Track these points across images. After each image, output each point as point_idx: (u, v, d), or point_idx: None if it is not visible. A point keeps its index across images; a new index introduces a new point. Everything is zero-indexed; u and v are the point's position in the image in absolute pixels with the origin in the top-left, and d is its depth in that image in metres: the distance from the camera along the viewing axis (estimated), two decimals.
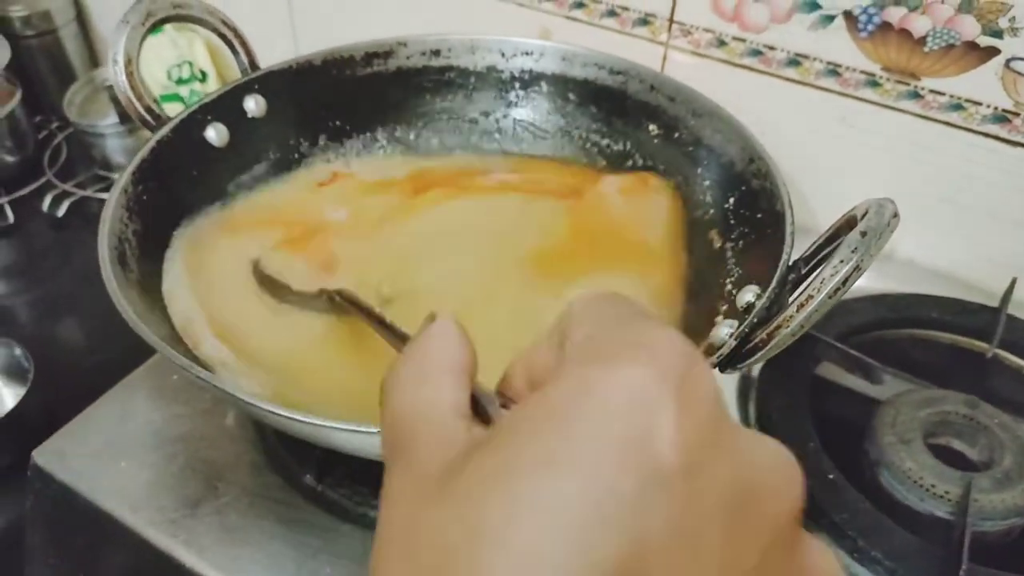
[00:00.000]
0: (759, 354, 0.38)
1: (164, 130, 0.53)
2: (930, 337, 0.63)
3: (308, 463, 0.52)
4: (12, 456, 0.68)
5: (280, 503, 0.51)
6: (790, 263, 0.44)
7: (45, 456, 0.53)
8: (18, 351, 0.73)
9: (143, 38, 0.54)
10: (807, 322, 0.36)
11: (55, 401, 0.71)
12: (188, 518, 0.50)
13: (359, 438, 0.37)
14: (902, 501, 0.52)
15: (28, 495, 0.54)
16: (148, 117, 0.54)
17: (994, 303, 0.63)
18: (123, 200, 0.48)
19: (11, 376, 0.75)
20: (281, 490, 0.52)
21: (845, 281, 0.35)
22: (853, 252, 0.35)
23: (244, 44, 0.59)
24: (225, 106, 0.58)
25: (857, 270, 0.35)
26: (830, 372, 0.61)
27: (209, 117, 0.57)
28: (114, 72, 0.52)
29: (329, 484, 0.51)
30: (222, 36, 0.58)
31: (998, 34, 0.57)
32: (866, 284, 0.66)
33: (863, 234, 0.36)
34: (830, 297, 0.35)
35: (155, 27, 0.54)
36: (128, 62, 0.53)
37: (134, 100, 0.53)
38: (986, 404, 0.56)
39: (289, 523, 0.50)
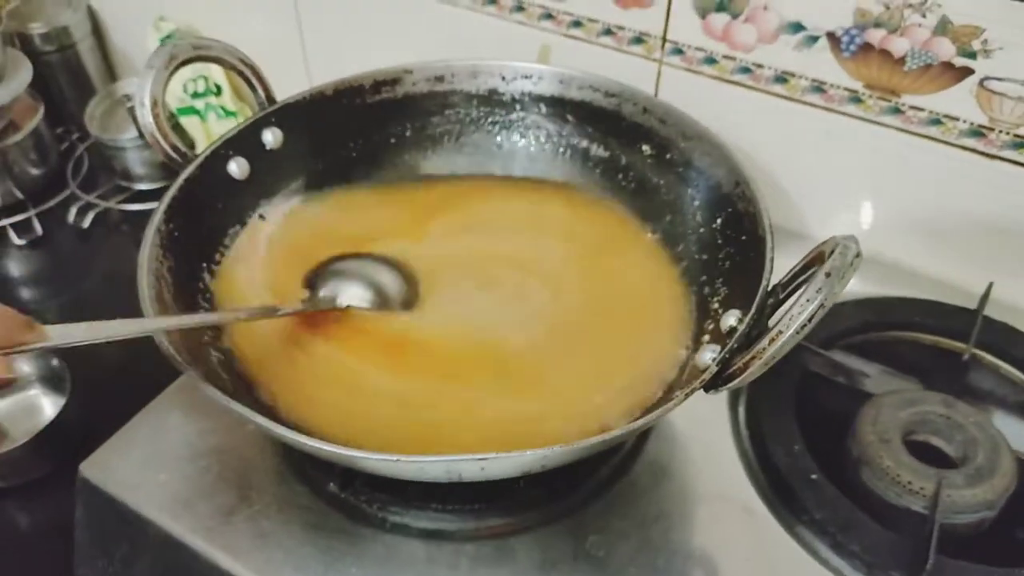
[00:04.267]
0: (735, 381, 0.42)
1: (191, 168, 0.57)
2: (912, 339, 0.67)
3: (332, 473, 0.56)
4: (54, 463, 0.73)
5: (307, 510, 0.55)
6: (769, 289, 0.48)
7: (91, 469, 0.58)
8: (55, 362, 0.78)
9: (167, 80, 0.57)
10: (778, 354, 0.40)
11: (92, 408, 0.76)
12: (224, 525, 0.55)
13: (381, 464, 0.41)
14: (882, 497, 0.56)
15: (77, 505, 0.59)
16: (174, 155, 0.58)
17: (973, 305, 0.67)
18: (157, 239, 0.52)
19: (49, 385, 0.80)
20: (307, 498, 0.56)
21: (811, 319, 0.39)
22: (818, 292, 0.39)
23: (261, 80, 0.63)
24: (245, 140, 0.61)
25: (822, 308, 0.39)
26: (816, 376, 0.65)
27: (231, 152, 0.60)
28: (141, 115, 0.56)
29: (351, 492, 0.56)
30: (240, 73, 0.62)
31: (972, 55, 0.60)
32: (854, 288, 0.70)
33: (828, 275, 0.39)
34: (797, 333, 0.39)
35: (178, 68, 0.58)
36: (154, 104, 0.57)
37: (160, 140, 0.57)
38: (961, 403, 0.60)
39: (316, 529, 0.54)
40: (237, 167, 0.61)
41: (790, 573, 0.53)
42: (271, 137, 0.63)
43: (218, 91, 0.97)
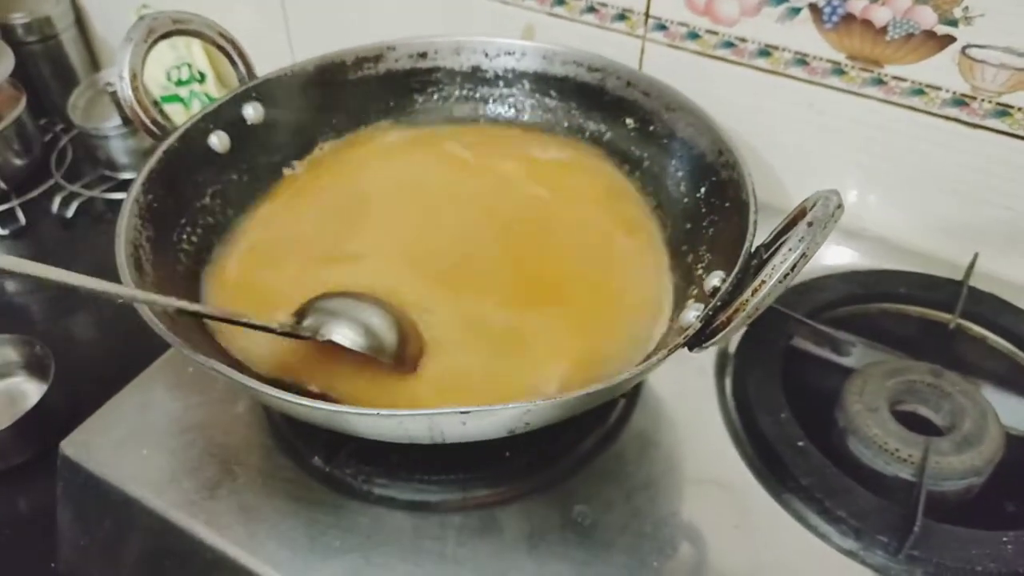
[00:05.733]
0: (720, 334, 0.42)
1: (170, 140, 0.57)
2: (898, 310, 0.67)
3: (316, 446, 0.56)
4: (37, 447, 0.72)
5: (291, 483, 0.55)
6: (752, 250, 0.47)
7: (72, 447, 0.57)
8: (39, 348, 0.78)
9: (146, 53, 0.57)
10: (761, 304, 0.40)
11: (75, 394, 0.76)
12: (208, 500, 0.54)
13: (362, 420, 0.41)
14: (869, 465, 0.56)
15: (58, 483, 0.58)
16: (153, 128, 0.57)
17: (958, 276, 0.67)
18: (136, 209, 0.52)
19: (33, 372, 0.79)
20: (292, 471, 0.56)
21: (793, 267, 0.39)
22: (800, 241, 0.39)
23: (242, 55, 0.62)
24: (226, 114, 0.61)
25: (804, 257, 0.39)
26: (803, 346, 0.65)
27: (211, 125, 0.60)
28: (120, 88, 0.56)
29: (336, 465, 0.55)
30: (220, 48, 0.61)
31: (953, 23, 0.60)
32: (840, 261, 0.71)
33: (809, 224, 0.39)
34: (780, 282, 0.39)
35: (157, 42, 0.58)
36: (133, 77, 0.56)
37: (140, 112, 0.57)
38: (950, 372, 0.60)
39: (301, 501, 0.54)
40: (218, 141, 0.61)
41: (777, 539, 0.52)
42: (252, 112, 0.62)
43: (202, 78, 0.97)
